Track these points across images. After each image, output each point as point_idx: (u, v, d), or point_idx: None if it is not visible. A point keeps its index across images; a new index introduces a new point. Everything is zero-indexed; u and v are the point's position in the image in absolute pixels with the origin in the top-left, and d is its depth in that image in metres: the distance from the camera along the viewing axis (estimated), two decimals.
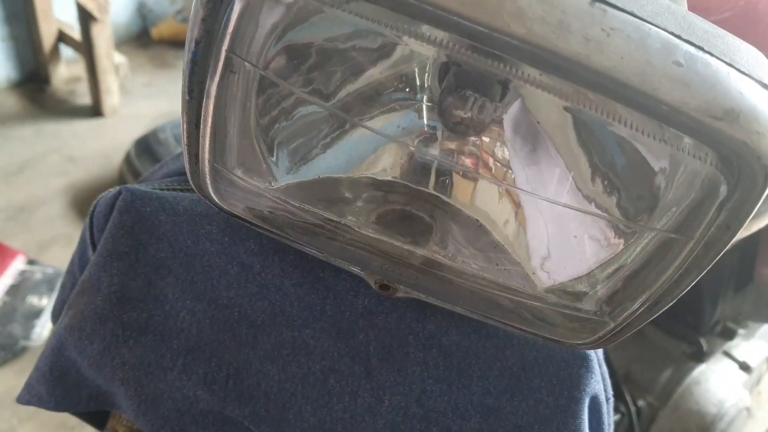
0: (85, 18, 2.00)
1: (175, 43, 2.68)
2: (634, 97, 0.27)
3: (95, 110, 2.20)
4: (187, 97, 0.33)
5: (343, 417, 0.43)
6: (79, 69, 2.25)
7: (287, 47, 0.34)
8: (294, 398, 0.43)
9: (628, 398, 0.92)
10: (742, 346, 1.04)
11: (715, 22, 0.30)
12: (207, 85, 0.32)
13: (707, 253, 0.32)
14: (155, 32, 2.69)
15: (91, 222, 0.46)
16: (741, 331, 1.04)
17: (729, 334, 1.03)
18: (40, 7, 2.14)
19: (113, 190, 0.45)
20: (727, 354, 1.02)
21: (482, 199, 0.38)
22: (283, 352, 0.43)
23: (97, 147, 2.06)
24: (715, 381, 0.97)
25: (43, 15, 2.17)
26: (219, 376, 0.43)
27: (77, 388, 0.46)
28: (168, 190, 0.46)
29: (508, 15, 0.26)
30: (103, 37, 2.04)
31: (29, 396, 0.47)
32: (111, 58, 2.11)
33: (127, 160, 1.80)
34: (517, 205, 0.38)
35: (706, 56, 0.27)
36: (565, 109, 0.32)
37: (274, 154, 0.38)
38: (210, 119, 0.34)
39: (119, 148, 1.95)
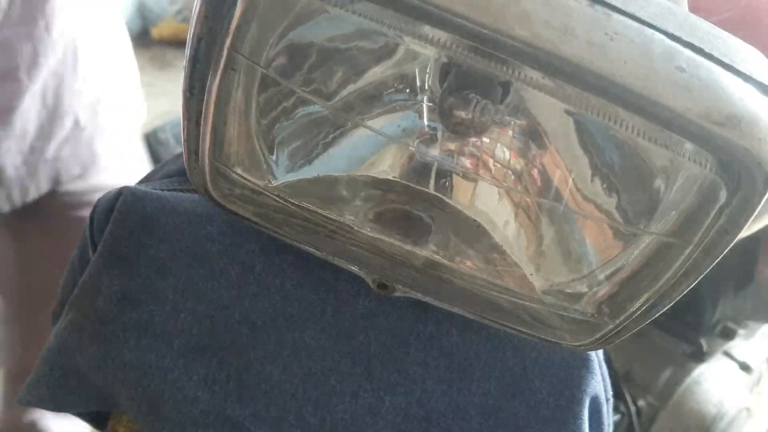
0: None
1: (175, 43, 2.68)
2: (636, 101, 0.27)
3: None
4: (188, 94, 0.33)
5: (343, 418, 0.43)
6: None
7: (289, 46, 0.34)
8: (295, 399, 0.43)
9: (628, 398, 0.92)
10: (742, 346, 1.04)
11: (716, 23, 0.30)
12: (208, 83, 0.32)
13: (706, 257, 0.32)
14: (155, 32, 2.69)
15: (92, 222, 0.46)
16: (741, 331, 1.04)
17: (729, 334, 1.03)
18: None
19: (114, 191, 0.45)
20: (727, 354, 1.02)
21: (482, 200, 0.38)
22: (284, 352, 0.43)
23: None
24: (715, 381, 0.96)
25: None
26: (220, 376, 0.43)
27: (78, 389, 0.46)
28: (169, 190, 0.46)
29: (513, 18, 0.26)
30: None
31: (30, 396, 0.47)
32: None
33: None
34: (517, 206, 0.38)
35: (708, 61, 0.27)
36: (567, 112, 0.32)
37: (275, 154, 0.39)
38: (210, 117, 0.34)
39: None
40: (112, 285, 0.44)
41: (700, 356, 0.99)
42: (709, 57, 0.28)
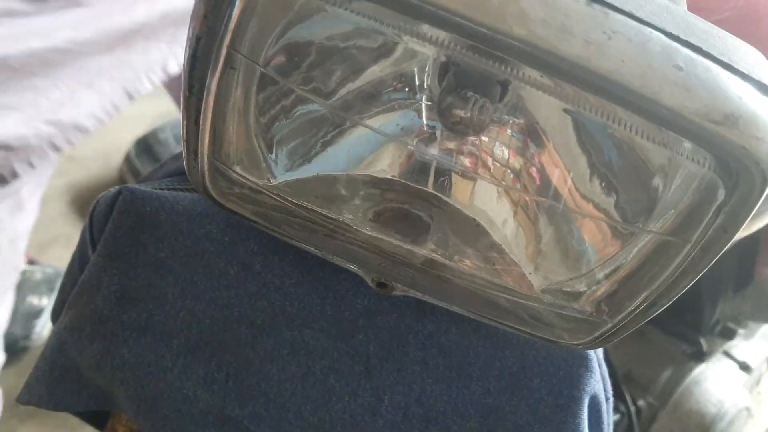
0: None
1: None
2: (634, 100, 0.27)
3: None
4: (187, 93, 0.33)
5: (342, 417, 0.43)
6: None
7: (288, 45, 0.34)
8: (294, 398, 0.43)
9: (628, 398, 0.92)
10: (742, 346, 1.04)
11: (715, 22, 0.30)
12: (207, 81, 0.32)
13: (704, 255, 0.32)
14: None
15: (91, 222, 0.46)
16: (741, 331, 1.04)
17: (729, 334, 1.03)
18: None
19: (113, 190, 0.45)
20: (727, 354, 1.02)
21: (481, 199, 0.38)
22: (283, 351, 0.43)
23: (97, 147, 2.05)
24: (715, 381, 0.96)
25: None
26: (219, 375, 0.43)
27: (77, 388, 0.46)
28: (168, 189, 0.46)
29: (511, 17, 0.26)
30: None
31: (29, 396, 0.47)
32: None
33: (127, 160, 1.80)
34: (516, 205, 0.38)
35: (706, 59, 0.27)
36: (565, 111, 0.32)
37: (274, 152, 0.39)
38: (210, 115, 0.34)
39: (119, 148, 1.95)
40: (111, 284, 0.44)
41: (700, 356, 0.99)
42: (708, 56, 0.28)
